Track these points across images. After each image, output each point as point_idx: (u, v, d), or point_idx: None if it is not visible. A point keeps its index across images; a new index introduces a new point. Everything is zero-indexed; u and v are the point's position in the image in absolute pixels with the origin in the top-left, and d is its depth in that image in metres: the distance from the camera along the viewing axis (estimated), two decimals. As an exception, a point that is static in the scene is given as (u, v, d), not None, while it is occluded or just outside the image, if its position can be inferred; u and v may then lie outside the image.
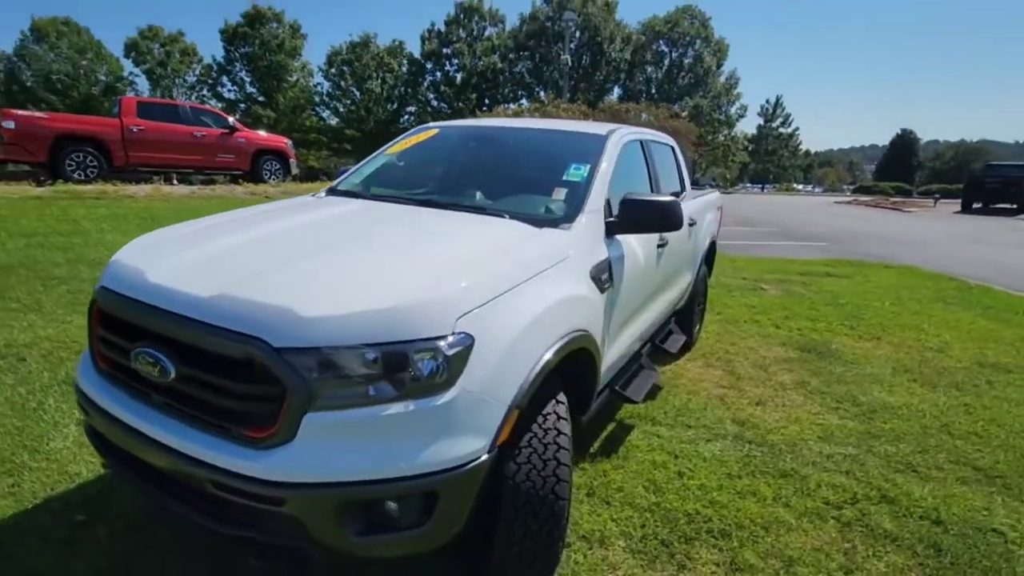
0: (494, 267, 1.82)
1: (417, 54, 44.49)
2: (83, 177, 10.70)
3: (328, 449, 1.42)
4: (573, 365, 2.20)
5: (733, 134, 53.83)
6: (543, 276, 1.92)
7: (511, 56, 45.77)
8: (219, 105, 38.21)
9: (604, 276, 2.33)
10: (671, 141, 4.15)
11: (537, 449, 1.80)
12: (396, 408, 1.45)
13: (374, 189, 2.91)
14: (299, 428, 1.41)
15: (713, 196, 5.23)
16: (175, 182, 12.88)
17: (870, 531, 2.44)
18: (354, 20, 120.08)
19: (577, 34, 46.05)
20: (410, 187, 2.92)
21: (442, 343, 1.49)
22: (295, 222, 2.23)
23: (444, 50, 43.79)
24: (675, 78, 48.74)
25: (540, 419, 1.86)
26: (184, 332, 1.52)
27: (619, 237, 2.59)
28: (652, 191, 3.33)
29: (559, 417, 1.90)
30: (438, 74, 44.29)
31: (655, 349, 3.74)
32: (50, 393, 3.24)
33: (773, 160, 68.51)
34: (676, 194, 3.99)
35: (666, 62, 49.71)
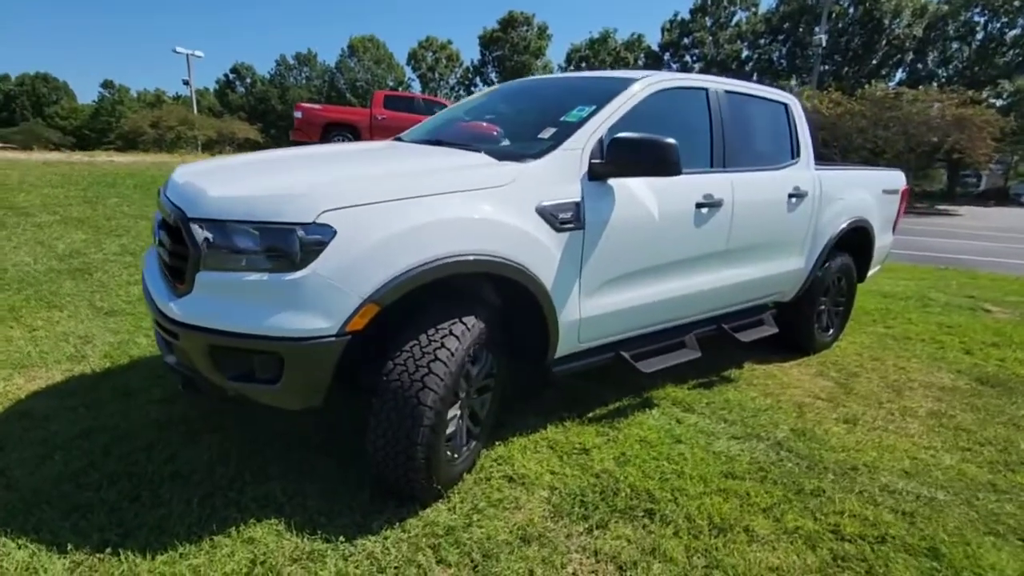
0: (398, 180, 1.95)
1: (656, 47, 43.66)
2: (339, 155, 13.53)
3: (206, 302, 1.78)
4: (505, 299, 2.19)
5: (1078, 128, 39.85)
6: (453, 196, 1.96)
7: (761, 42, 41.63)
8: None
9: (565, 216, 2.22)
10: (785, 98, 3.48)
11: (415, 355, 1.89)
12: (255, 277, 1.73)
13: (420, 135, 3.20)
14: (194, 283, 1.80)
15: (872, 174, 4.19)
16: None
17: (869, 576, 1.86)
18: (600, 18, 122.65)
19: (851, 10, 39.48)
20: (448, 134, 3.12)
21: (300, 229, 1.71)
22: (309, 151, 2.67)
23: (684, 40, 42.05)
24: (989, 55, 38.12)
25: (431, 331, 1.94)
26: (164, 207, 2.05)
27: (616, 183, 2.40)
28: (713, 148, 2.92)
29: (452, 335, 1.94)
30: (674, 66, 42.79)
31: (722, 334, 3.27)
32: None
33: None
34: (781, 161, 3.39)
35: (978, 36, 39.18)
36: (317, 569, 1.73)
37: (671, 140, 2.22)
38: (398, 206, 1.84)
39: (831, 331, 4.17)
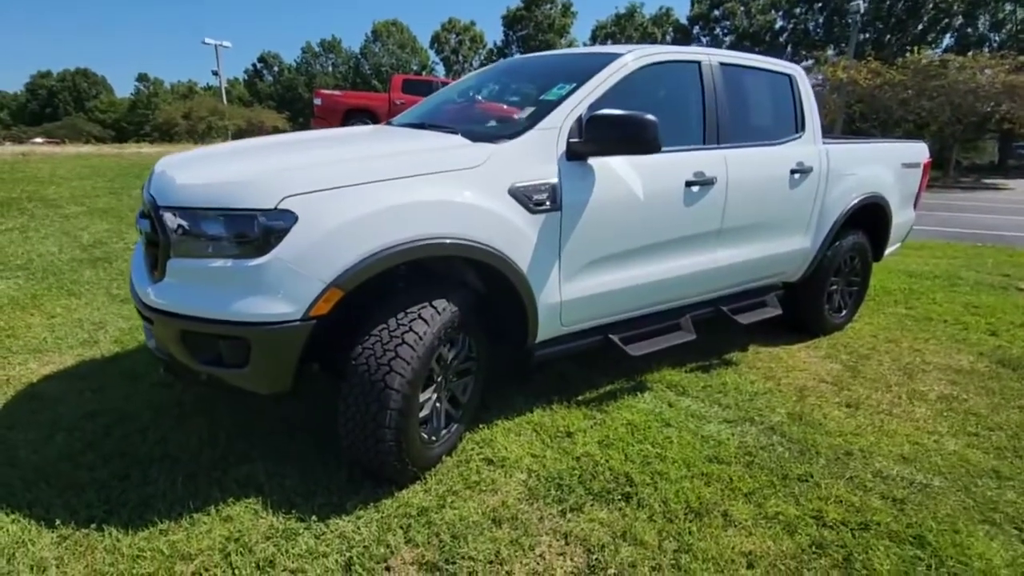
0: (362, 164, 1.94)
1: (684, 20, 42.30)
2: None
3: (176, 288, 1.83)
4: (486, 283, 2.19)
5: None
6: (417, 179, 1.95)
7: (796, 11, 39.81)
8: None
9: (540, 197, 2.18)
10: (789, 69, 3.31)
11: (383, 339, 1.91)
12: (220, 263, 1.76)
13: (408, 119, 3.18)
14: (166, 270, 1.84)
15: (890, 147, 3.97)
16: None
17: (846, 563, 1.80)
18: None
19: (894, -27, 37.22)
20: (437, 116, 3.09)
21: (261, 215, 1.73)
22: (290, 138, 2.69)
23: (714, 12, 40.59)
24: (1047, 16, 35.45)
25: (400, 315, 1.95)
26: (144, 198, 2.10)
27: (597, 162, 2.35)
28: (706, 124, 2.81)
29: (421, 319, 1.95)
30: (704, 40, 41.40)
31: (720, 316, 3.19)
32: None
33: None
34: (782, 136, 3.25)
35: (1034, -5, 36.43)
36: (288, 547, 1.78)
37: (649, 116, 2.15)
38: (359, 191, 1.84)
39: (843, 312, 4.02)
